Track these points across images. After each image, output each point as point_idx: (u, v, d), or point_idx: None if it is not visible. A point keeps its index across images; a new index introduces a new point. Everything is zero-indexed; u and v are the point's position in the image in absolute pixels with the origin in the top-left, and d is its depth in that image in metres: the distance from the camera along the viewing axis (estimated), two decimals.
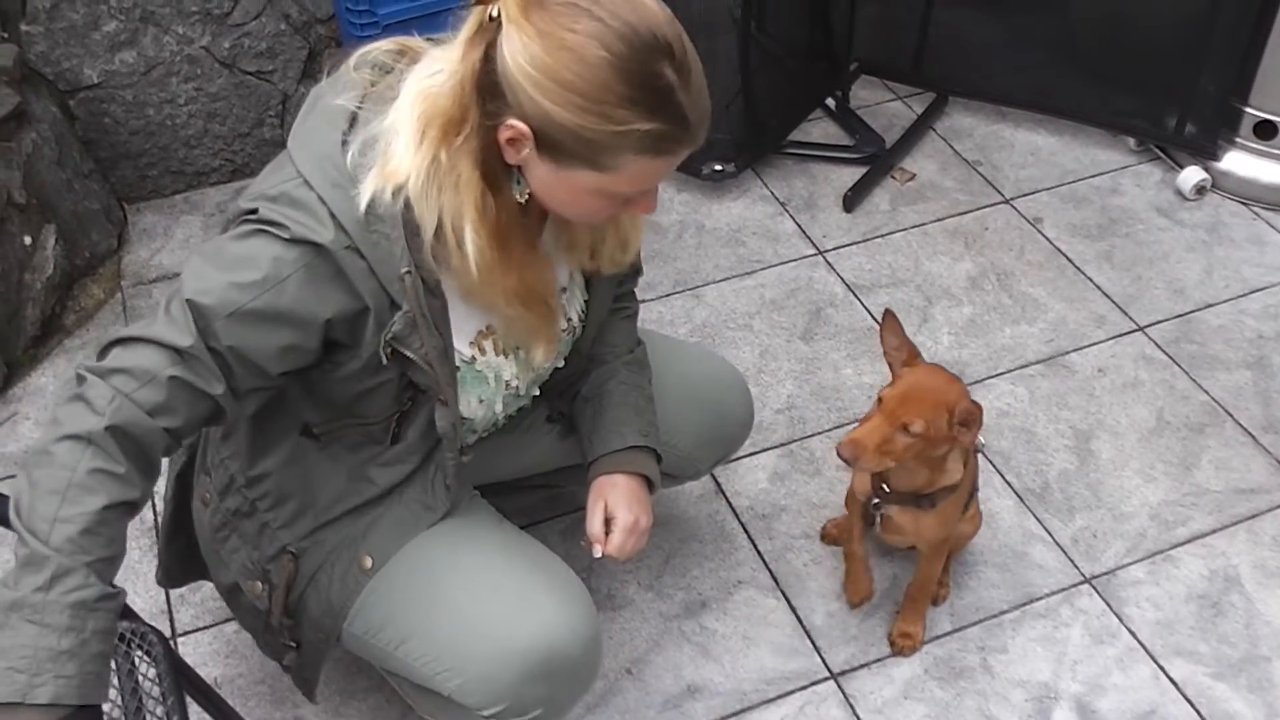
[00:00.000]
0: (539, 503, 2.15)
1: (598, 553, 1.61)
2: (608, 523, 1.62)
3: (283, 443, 1.53)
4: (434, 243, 1.32)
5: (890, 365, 1.82)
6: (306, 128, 1.37)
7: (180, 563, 1.79)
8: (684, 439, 1.84)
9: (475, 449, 1.62)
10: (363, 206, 1.29)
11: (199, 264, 1.32)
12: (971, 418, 1.73)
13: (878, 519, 1.94)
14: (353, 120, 1.34)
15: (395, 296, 1.34)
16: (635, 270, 1.76)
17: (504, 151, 1.29)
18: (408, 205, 1.30)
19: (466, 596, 1.51)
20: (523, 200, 1.36)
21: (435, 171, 1.29)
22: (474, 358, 1.51)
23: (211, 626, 2.06)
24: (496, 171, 1.32)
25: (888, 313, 1.82)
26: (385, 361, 1.38)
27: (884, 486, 1.89)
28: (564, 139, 1.25)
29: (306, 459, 1.54)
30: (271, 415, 1.51)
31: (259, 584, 1.60)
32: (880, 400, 1.76)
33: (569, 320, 1.63)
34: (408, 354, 1.37)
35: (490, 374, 1.54)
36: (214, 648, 2.04)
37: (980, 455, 2.08)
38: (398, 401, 1.46)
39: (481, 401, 1.56)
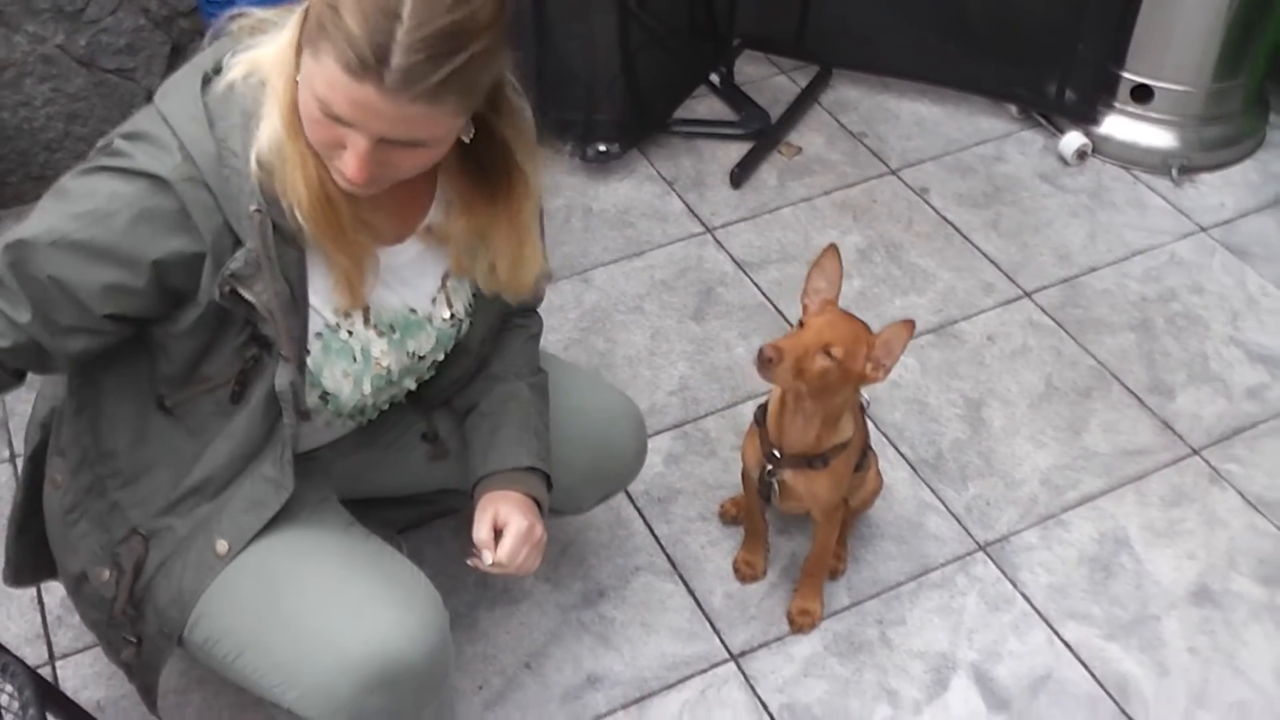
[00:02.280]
0: (423, 515, 2.13)
1: (487, 560, 1.56)
2: (497, 534, 1.58)
3: (134, 417, 1.50)
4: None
5: (805, 306, 1.80)
6: (173, 78, 1.38)
7: (30, 558, 1.71)
8: (570, 474, 1.77)
9: (347, 459, 1.59)
10: (217, 141, 1.30)
11: (42, 202, 1.34)
12: (888, 353, 1.74)
13: (773, 489, 1.94)
14: (219, 68, 1.35)
15: (242, 236, 1.32)
16: (535, 295, 1.72)
17: None
18: (265, 145, 1.31)
19: (303, 606, 1.48)
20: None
21: (283, 111, 1.29)
22: (338, 325, 1.47)
23: (93, 647, 2.00)
24: None
25: (831, 247, 1.79)
26: (218, 297, 1.34)
27: (775, 452, 1.90)
28: (310, 17, 1.25)
29: (157, 434, 1.50)
30: (121, 387, 1.48)
31: (106, 571, 1.55)
32: (803, 324, 1.76)
33: (452, 313, 1.60)
34: (247, 297, 1.34)
35: (357, 347, 1.51)
36: (96, 669, 1.99)
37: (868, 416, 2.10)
38: (240, 357, 1.43)
39: (347, 375, 1.52)
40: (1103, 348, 2.60)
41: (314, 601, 1.47)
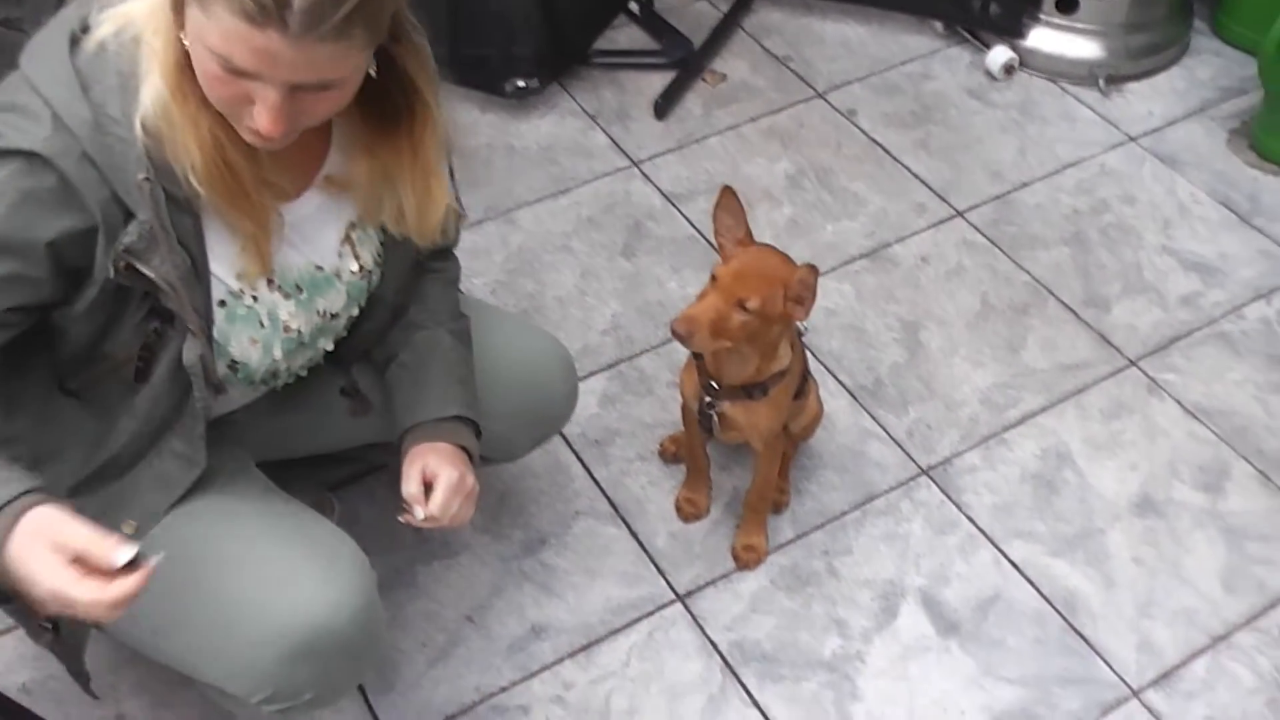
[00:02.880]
0: (354, 472, 2.08)
1: (418, 515, 1.50)
2: (427, 487, 1.52)
3: (36, 401, 1.43)
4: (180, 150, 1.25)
5: (721, 246, 1.78)
6: (38, 38, 1.28)
7: None
8: (500, 421, 1.70)
9: (264, 421, 1.53)
10: (94, 107, 1.22)
11: None
12: (806, 290, 1.71)
13: (714, 421, 1.91)
14: (86, 26, 1.26)
15: (133, 207, 1.25)
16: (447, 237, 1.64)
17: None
18: (149, 109, 1.23)
19: (222, 580, 1.43)
20: None
21: (166, 72, 1.22)
22: (241, 290, 1.41)
23: (16, 629, 1.93)
24: None
25: (725, 189, 1.76)
26: (113, 275, 1.28)
27: (713, 384, 1.87)
28: None
29: (62, 417, 1.43)
30: (20, 373, 1.41)
31: None
32: (715, 278, 1.72)
33: (360, 265, 1.53)
34: (145, 271, 1.28)
35: (263, 311, 1.44)
36: (21, 651, 1.92)
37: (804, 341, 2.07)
38: (142, 332, 1.36)
39: (255, 342, 1.45)
40: (1037, 263, 2.58)
41: (233, 574, 1.42)
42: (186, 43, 1.21)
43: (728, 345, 1.73)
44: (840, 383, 2.35)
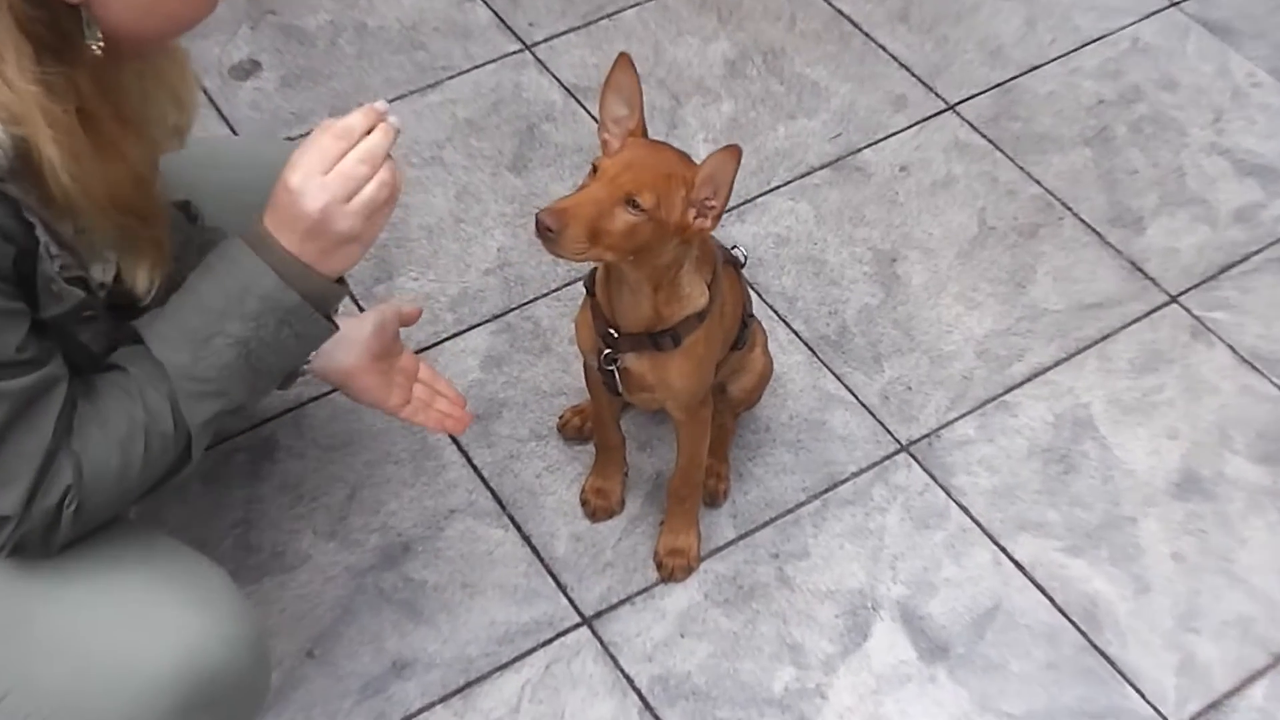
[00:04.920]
0: None
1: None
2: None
3: None
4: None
5: (604, 142, 1.74)
6: None
7: None
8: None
9: None
10: None
11: None
12: (718, 186, 1.67)
13: (617, 380, 1.89)
14: None
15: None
16: None
17: None
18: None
19: (75, 628, 1.50)
20: (99, 49, 1.35)
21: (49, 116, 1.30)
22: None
23: None
24: (56, 26, 1.30)
25: (621, 57, 1.72)
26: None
27: (611, 331, 1.85)
28: None
29: None
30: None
31: None
32: (595, 169, 1.70)
33: None
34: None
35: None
36: None
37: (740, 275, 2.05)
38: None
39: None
40: (1050, 170, 2.59)
41: (88, 620, 1.48)
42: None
43: (608, 256, 1.70)
44: (794, 332, 2.35)
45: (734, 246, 1.96)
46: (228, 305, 1.41)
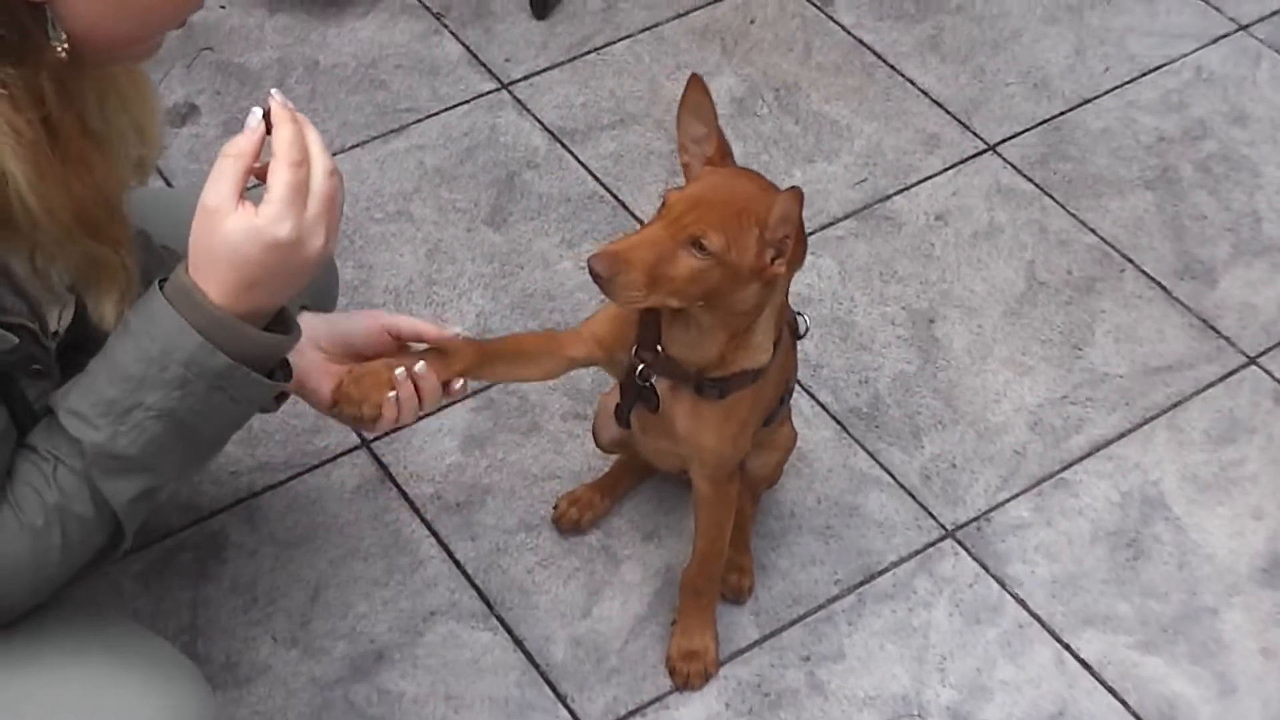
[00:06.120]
0: None
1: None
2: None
3: None
4: None
5: (686, 166, 1.78)
6: None
7: None
8: None
9: None
10: None
11: None
12: (785, 226, 1.70)
13: (647, 397, 1.89)
14: None
15: None
16: None
17: None
18: None
19: (38, 714, 1.56)
20: (63, 50, 1.37)
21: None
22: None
23: None
24: (17, 24, 1.33)
25: (693, 79, 1.76)
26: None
27: (659, 348, 1.85)
28: None
29: None
30: None
31: None
32: (664, 204, 1.72)
33: None
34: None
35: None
36: None
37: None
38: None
39: None
40: (1106, 217, 2.62)
41: (50, 704, 1.55)
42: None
43: (673, 303, 1.72)
44: (820, 404, 2.37)
45: (799, 313, 1.94)
46: (147, 372, 1.40)
